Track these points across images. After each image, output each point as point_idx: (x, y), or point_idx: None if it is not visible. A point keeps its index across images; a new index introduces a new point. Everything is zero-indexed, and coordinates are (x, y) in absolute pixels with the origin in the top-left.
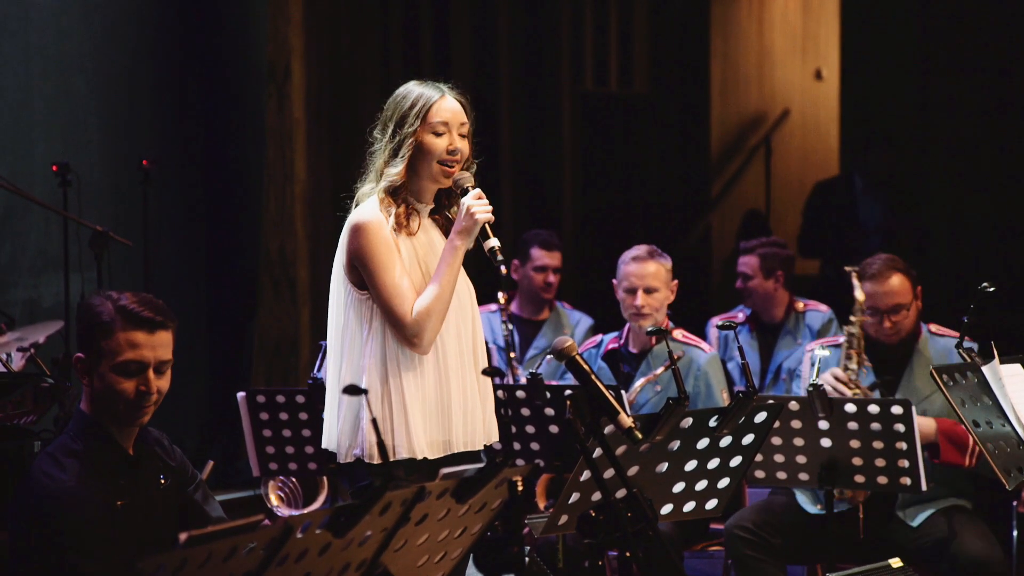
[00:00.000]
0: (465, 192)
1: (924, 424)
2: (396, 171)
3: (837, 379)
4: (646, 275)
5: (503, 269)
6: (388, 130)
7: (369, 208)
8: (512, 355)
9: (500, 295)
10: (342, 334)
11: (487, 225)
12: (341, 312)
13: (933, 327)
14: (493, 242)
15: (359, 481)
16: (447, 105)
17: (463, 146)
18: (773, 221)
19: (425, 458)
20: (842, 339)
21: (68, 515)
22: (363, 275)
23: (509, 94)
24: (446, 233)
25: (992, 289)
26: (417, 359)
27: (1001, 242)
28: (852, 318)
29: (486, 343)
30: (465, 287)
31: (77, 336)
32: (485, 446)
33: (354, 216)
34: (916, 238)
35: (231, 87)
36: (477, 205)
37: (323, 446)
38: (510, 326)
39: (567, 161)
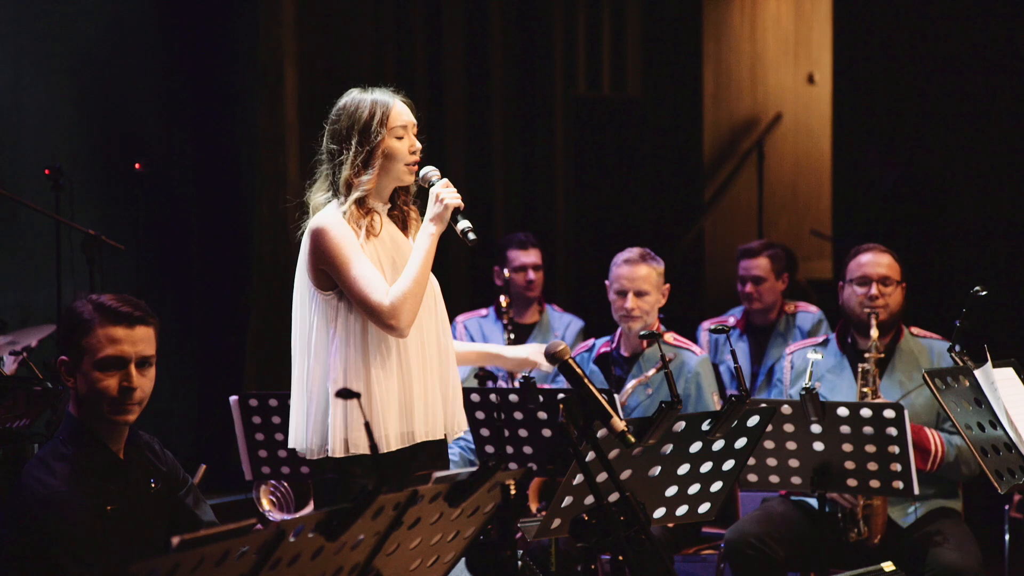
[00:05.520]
0: (432, 184)
1: None
2: (369, 179)
3: None
4: (637, 278)
5: (472, 237)
6: (351, 142)
7: (328, 213)
8: None
9: (501, 298)
10: (308, 336)
11: (457, 211)
12: (306, 314)
13: (915, 330)
14: (464, 224)
15: (327, 476)
16: (401, 109)
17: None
18: (765, 225)
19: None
20: (821, 339)
21: (58, 520)
22: (332, 275)
23: (502, 98)
24: (403, 228)
25: (984, 293)
26: (381, 356)
27: (995, 244)
28: (867, 355)
29: None
30: (429, 283)
31: (59, 339)
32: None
33: (314, 221)
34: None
35: (223, 90)
36: (446, 192)
37: (290, 445)
38: (511, 335)
39: (560, 165)
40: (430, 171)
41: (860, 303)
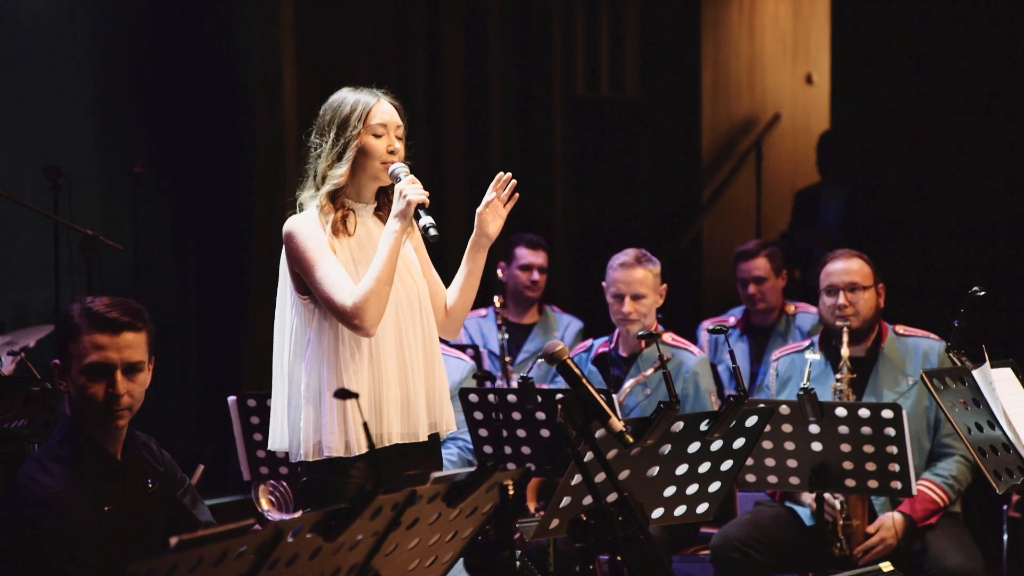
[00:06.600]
0: (399, 180)
1: (899, 523)
2: (341, 172)
3: None
4: (633, 281)
5: (432, 233)
6: (329, 135)
7: (299, 215)
8: (507, 359)
9: (496, 298)
10: (286, 338)
11: (420, 208)
12: (285, 317)
13: (900, 328)
14: (426, 220)
15: (302, 476)
16: (384, 108)
17: (400, 147)
18: (764, 225)
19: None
20: (805, 344)
21: (55, 521)
22: (303, 277)
23: (500, 98)
24: None
25: (982, 293)
26: (353, 360)
27: (993, 244)
28: (838, 376)
29: (476, 348)
30: (412, 282)
31: (55, 342)
32: (432, 435)
33: (286, 224)
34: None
35: (222, 91)
36: (409, 188)
37: (268, 447)
38: (506, 334)
39: (558, 165)
40: (399, 168)
41: (831, 313)
